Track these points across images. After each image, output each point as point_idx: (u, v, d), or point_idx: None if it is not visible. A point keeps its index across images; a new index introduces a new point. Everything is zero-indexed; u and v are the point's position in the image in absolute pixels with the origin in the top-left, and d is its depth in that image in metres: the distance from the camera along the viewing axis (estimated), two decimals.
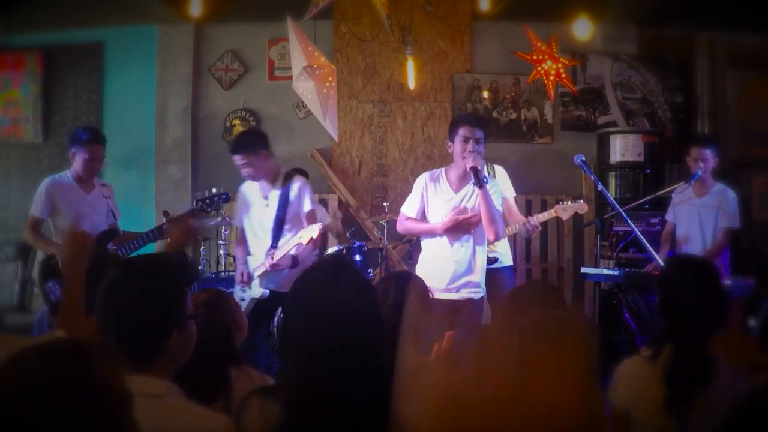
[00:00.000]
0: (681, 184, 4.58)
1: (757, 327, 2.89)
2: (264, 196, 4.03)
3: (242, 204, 4.15)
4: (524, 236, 4.54)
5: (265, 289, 3.94)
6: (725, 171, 5.37)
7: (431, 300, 2.57)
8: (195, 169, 6.24)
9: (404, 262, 5.74)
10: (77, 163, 4.08)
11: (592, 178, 4.39)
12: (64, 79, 6.33)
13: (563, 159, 5.61)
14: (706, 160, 4.39)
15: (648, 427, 2.06)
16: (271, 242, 3.95)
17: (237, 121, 6.25)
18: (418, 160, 6.22)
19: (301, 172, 4.43)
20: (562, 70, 5.54)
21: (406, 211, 3.79)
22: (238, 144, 4.05)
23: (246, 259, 4.08)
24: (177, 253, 2.35)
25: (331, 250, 4.77)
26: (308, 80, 4.94)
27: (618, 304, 4.72)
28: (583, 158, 4.25)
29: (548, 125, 6.24)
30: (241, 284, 4.03)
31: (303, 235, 3.76)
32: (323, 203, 5.81)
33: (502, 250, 4.41)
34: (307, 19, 4.72)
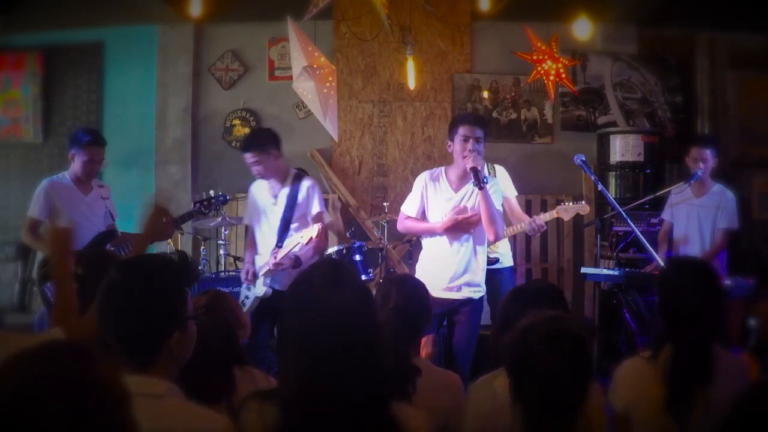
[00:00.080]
0: (681, 184, 4.58)
1: (756, 327, 2.90)
2: (273, 195, 4.04)
3: (252, 203, 4.17)
4: (529, 234, 4.54)
5: (268, 287, 3.95)
6: (725, 171, 5.37)
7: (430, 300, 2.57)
8: (195, 169, 6.24)
9: (404, 262, 5.73)
10: (76, 165, 4.08)
11: (592, 178, 4.38)
12: (64, 79, 6.33)
13: (563, 159, 5.60)
14: (706, 160, 4.39)
15: (648, 427, 2.07)
16: (276, 241, 3.97)
17: (237, 121, 6.25)
18: (418, 160, 6.22)
19: (301, 172, 4.43)
20: (562, 70, 5.53)
21: (406, 210, 3.80)
22: (249, 142, 4.06)
23: (254, 257, 4.09)
24: (178, 253, 2.35)
25: (331, 250, 4.77)
26: (308, 80, 4.94)
27: (618, 304, 4.72)
28: (583, 158, 4.25)
29: (548, 125, 6.24)
30: (246, 282, 4.05)
31: (304, 234, 3.80)
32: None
33: (503, 251, 4.42)
34: (307, 19, 4.72)
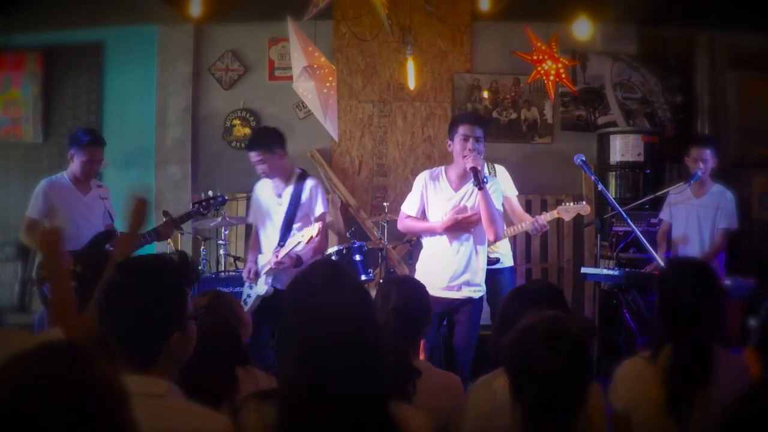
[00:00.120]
0: (680, 184, 4.58)
1: (756, 327, 2.90)
2: (277, 194, 4.05)
3: (256, 202, 4.18)
4: (531, 234, 4.54)
5: (270, 286, 3.96)
6: (725, 171, 5.37)
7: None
8: (195, 169, 6.24)
9: (404, 262, 5.73)
10: (75, 165, 4.08)
11: (592, 178, 4.38)
12: (64, 79, 6.32)
13: (563, 159, 5.60)
14: (706, 161, 4.39)
15: (648, 427, 2.07)
16: (279, 240, 3.97)
17: (237, 121, 6.25)
18: (418, 160, 6.22)
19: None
20: (562, 70, 5.53)
21: (406, 210, 3.80)
22: (254, 141, 4.08)
23: (256, 256, 4.10)
24: (178, 253, 2.35)
25: (331, 250, 4.77)
26: (308, 80, 4.94)
27: (618, 304, 4.72)
28: (583, 158, 4.25)
29: (548, 125, 6.24)
30: (248, 281, 4.06)
31: (304, 233, 3.81)
32: None
33: (504, 251, 4.42)
34: (307, 19, 4.72)
